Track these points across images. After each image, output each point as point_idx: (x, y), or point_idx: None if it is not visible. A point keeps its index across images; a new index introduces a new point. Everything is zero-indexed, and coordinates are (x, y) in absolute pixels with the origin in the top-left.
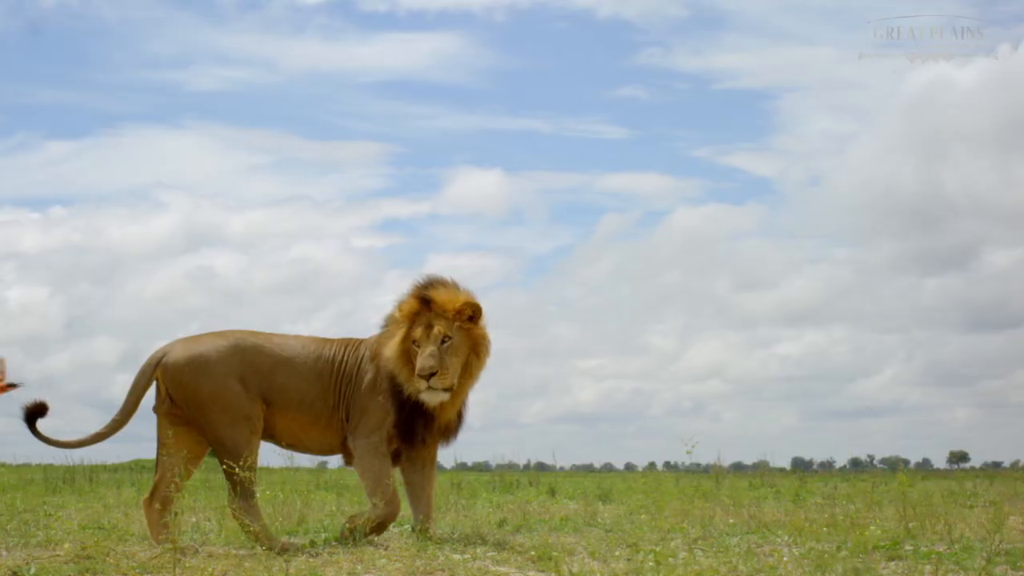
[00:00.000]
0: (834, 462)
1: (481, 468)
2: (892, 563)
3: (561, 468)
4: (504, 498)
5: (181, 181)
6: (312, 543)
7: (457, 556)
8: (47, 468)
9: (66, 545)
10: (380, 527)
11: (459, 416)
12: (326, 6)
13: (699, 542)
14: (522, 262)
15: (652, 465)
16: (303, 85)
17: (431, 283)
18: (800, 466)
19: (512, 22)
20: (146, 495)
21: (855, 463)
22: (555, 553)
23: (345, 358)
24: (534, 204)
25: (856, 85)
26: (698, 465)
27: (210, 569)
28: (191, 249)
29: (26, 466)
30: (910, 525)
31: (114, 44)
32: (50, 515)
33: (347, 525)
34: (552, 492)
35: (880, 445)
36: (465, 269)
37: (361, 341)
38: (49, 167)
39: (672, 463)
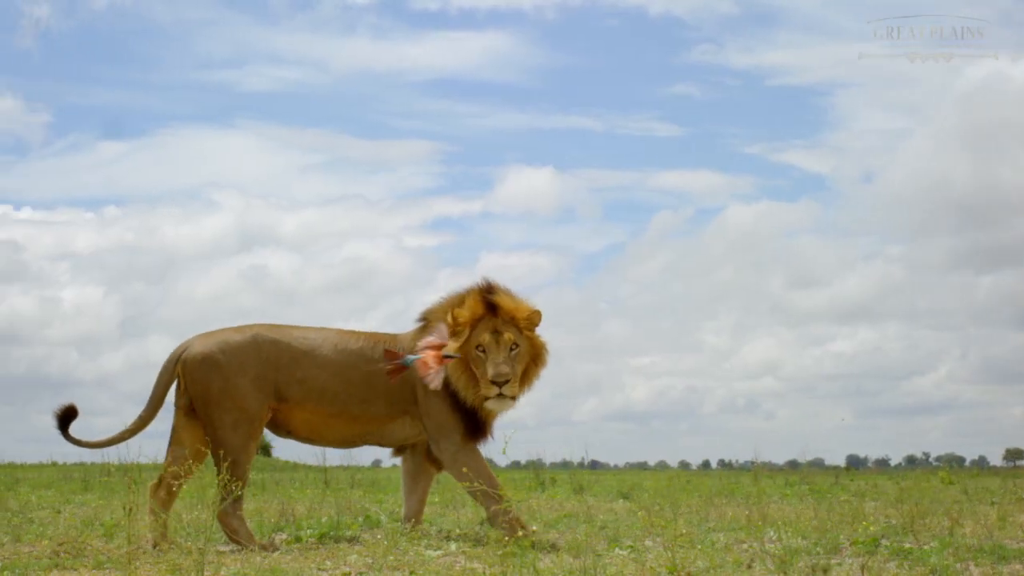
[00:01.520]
0: (889, 460)
1: (535, 466)
2: (859, 559)
3: (615, 466)
4: (528, 495)
5: (234, 181)
6: (297, 539)
7: (431, 552)
8: (98, 467)
9: (45, 541)
10: (511, 524)
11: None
12: (376, 5)
13: (679, 538)
14: (574, 260)
15: (706, 463)
16: (354, 84)
17: (494, 288)
18: (855, 464)
19: (563, 20)
20: (154, 481)
21: (911, 460)
22: (523, 549)
23: (376, 352)
24: (586, 202)
25: (910, 81)
26: (751, 463)
27: (170, 563)
28: (244, 249)
29: (79, 465)
30: (921, 522)
31: (167, 45)
32: (59, 512)
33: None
34: (580, 490)
35: (935, 443)
36: (517, 268)
37: (394, 336)
38: (103, 167)
39: (727, 461)
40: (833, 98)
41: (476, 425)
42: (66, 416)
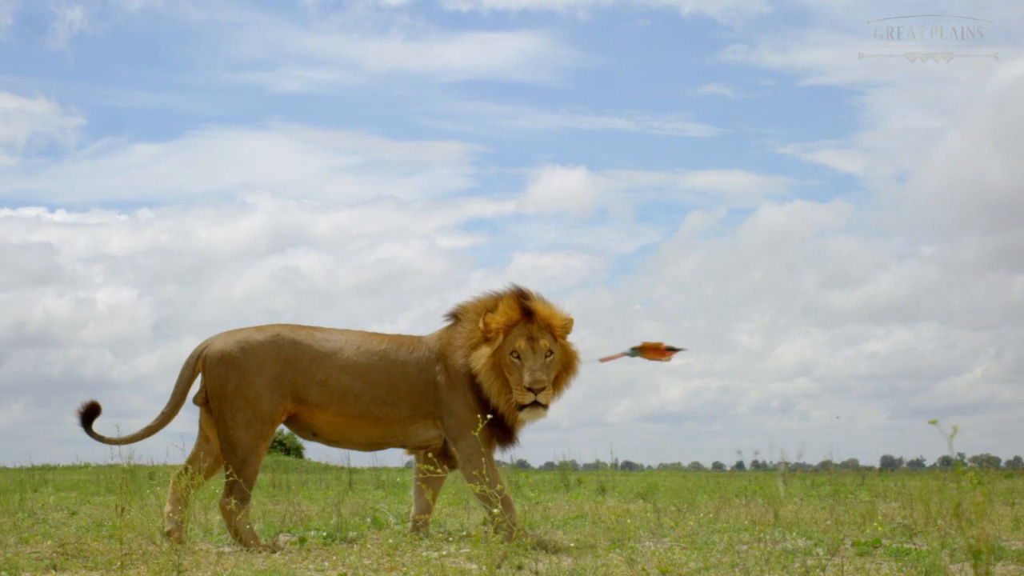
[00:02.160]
0: (924, 461)
1: (567, 467)
2: (861, 559)
3: (648, 467)
4: (547, 496)
5: (267, 182)
6: (302, 540)
7: (429, 553)
8: (130, 469)
9: (48, 542)
10: (512, 529)
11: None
12: (409, 6)
13: (681, 539)
14: (607, 261)
15: (740, 464)
16: (387, 86)
17: (529, 295)
18: (889, 465)
19: (595, 21)
20: (177, 472)
21: (946, 462)
22: (521, 551)
23: (400, 354)
24: (619, 203)
25: (943, 80)
26: (787, 464)
27: (162, 564)
28: (277, 250)
29: (113, 467)
30: (938, 523)
31: (199, 47)
32: (74, 513)
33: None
34: (602, 491)
35: (971, 443)
36: (550, 268)
37: (419, 338)
38: (136, 169)
39: (760, 462)
40: (866, 98)
41: (500, 430)
42: (89, 413)
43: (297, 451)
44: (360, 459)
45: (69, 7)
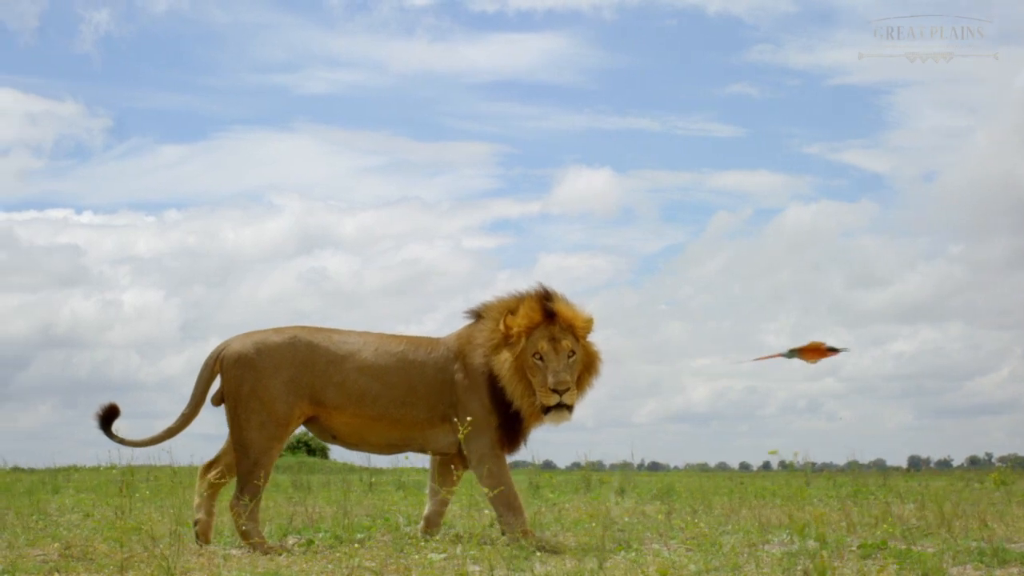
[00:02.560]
0: (951, 461)
1: (595, 468)
2: (863, 561)
3: (675, 467)
4: (566, 497)
5: (293, 184)
6: (309, 542)
7: (434, 555)
8: (156, 469)
9: (55, 544)
10: (520, 532)
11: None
12: (434, 7)
13: (688, 542)
14: (632, 261)
15: (767, 465)
16: (412, 87)
17: (552, 295)
18: (917, 465)
19: (620, 21)
20: (203, 465)
21: (973, 461)
22: (525, 552)
23: (418, 355)
24: (644, 203)
25: (970, 79)
26: (813, 464)
27: (155, 569)
28: (303, 251)
29: (141, 467)
30: (952, 525)
31: (225, 48)
32: (88, 515)
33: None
34: (622, 491)
35: (999, 443)
36: (575, 269)
37: (437, 339)
38: (163, 171)
39: (787, 462)
40: (893, 97)
41: (512, 432)
42: (108, 416)
43: (322, 452)
44: (382, 460)
45: (96, 10)
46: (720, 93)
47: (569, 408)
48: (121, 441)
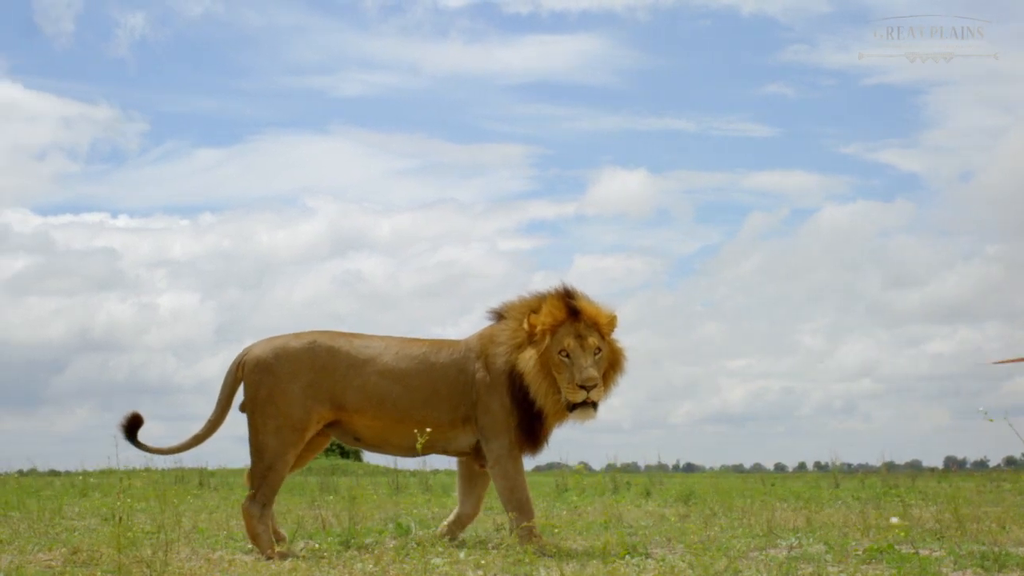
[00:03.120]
0: (987, 461)
1: (630, 469)
2: (865, 566)
3: (711, 468)
4: (587, 500)
5: (328, 186)
6: (319, 546)
7: (437, 560)
8: (195, 472)
9: (63, 549)
10: (529, 536)
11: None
12: (468, 9)
13: (695, 546)
14: (668, 262)
15: (802, 466)
16: (447, 89)
17: (574, 293)
18: (953, 465)
19: (655, 21)
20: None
21: (1009, 462)
22: (529, 557)
23: (440, 357)
24: (679, 204)
25: (1007, 78)
26: (849, 465)
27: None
28: (338, 254)
29: (173, 470)
30: (967, 528)
31: (260, 52)
32: (107, 519)
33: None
34: (647, 494)
35: None
36: (611, 270)
37: (459, 341)
38: (198, 174)
39: (823, 463)
40: (929, 97)
41: (532, 433)
42: (132, 425)
43: (355, 454)
44: (415, 462)
45: (131, 14)
46: (755, 93)
47: (595, 405)
48: (147, 449)
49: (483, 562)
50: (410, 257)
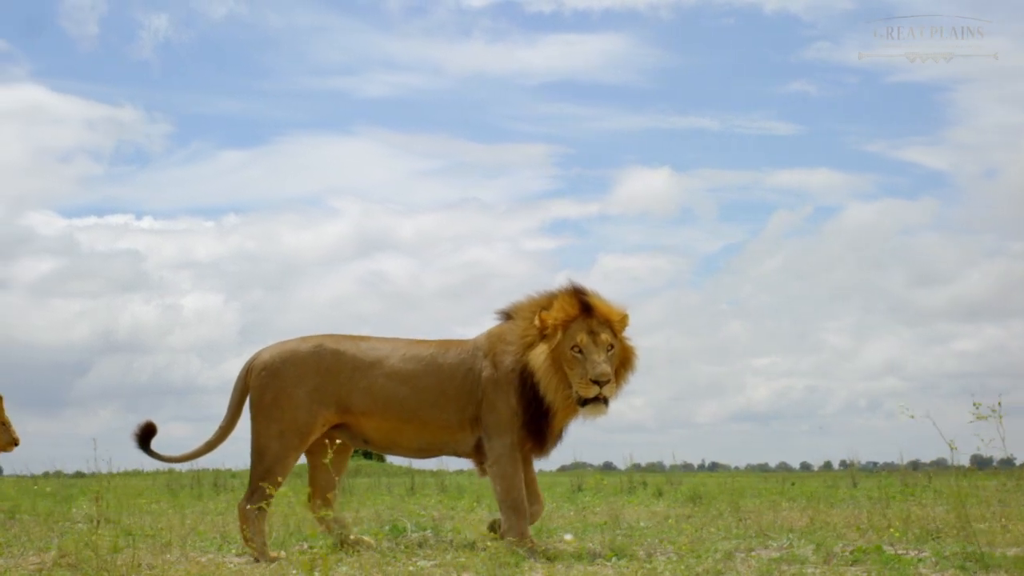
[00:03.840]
0: (1015, 459)
1: (655, 469)
2: (848, 567)
3: (736, 468)
4: (596, 501)
5: (352, 187)
6: (311, 548)
7: (423, 562)
8: (211, 474)
9: (53, 552)
10: (519, 537)
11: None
12: (491, 9)
13: (683, 547)
14: (692, 261)
15: (828, 464)
16: (470, 89)
17: (585, 290)
18: (980, 464)
19: (678, 20)
20: (308, 500)
21: None
22: (515, 559)
23: (447, 357)
24: (703, 203)
25: None
26: (875, 464)
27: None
28: (362, 254)
29: (193, 472)
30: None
31: (283, 53)
32: (110, 520)
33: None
34: (660, 494)
35: None
36: (635, 269)
37: (466, 341)
38: (222, 176)
39: (847, 462)
40: (953, 94)
41: (540, 432)
42: (145, 434)
43: (380, 455)
44: (429, 463)
45: (155, 15)
46: (779, 91)
47: (606, 401)
48: (159, 457)
49: (467, 564)
50: (434, 257)
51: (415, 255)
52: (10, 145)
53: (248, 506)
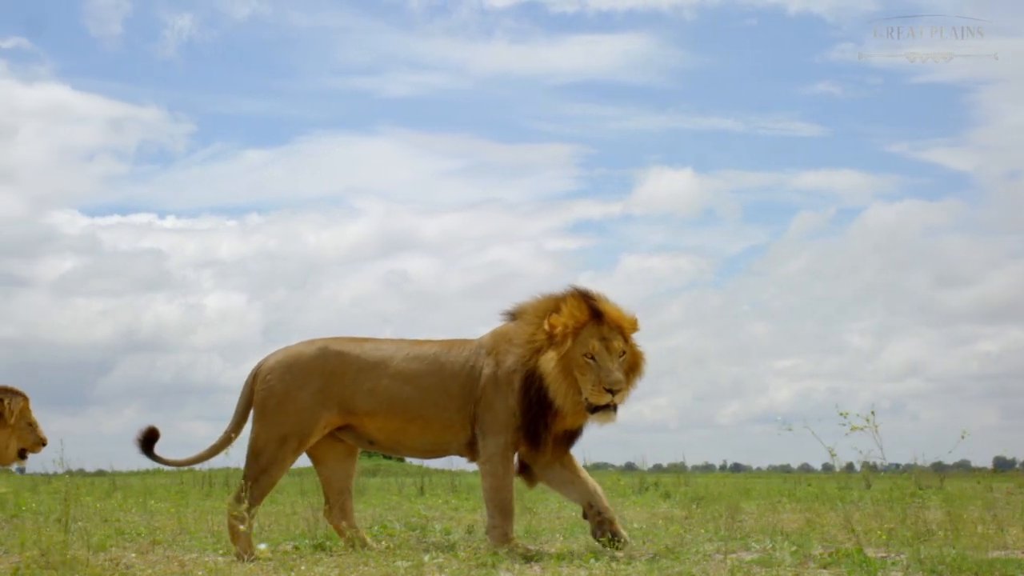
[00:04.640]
0: None
1: (677, 470)
2: (821, 570)
3: (758, 469)
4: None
5: (375, 187)
6: (296, 548)
7: (401, 563)
8: (222, 473)
9: (33, 551)
10: (503, 538)
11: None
12: (514, 9)
13: (664, 549)
14: (715, 262)
15: (850, 466)
16: (493, 89)
17: (592, 295)
18: (1003, 466)
19: (701, 20)
20: (324, 507)
21: None
22: (495, 559)
23: (450, 357)
24: (726, 203)
25: None
26: (897, 466)
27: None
28: (385, 254)
29: (208, 471)
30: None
31: (307, 53)
32: (107, 520)
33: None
34: (667, 495)
35: None
36: (658, 270)
37: (470, 340)
38: (245, 175)
39: (870, 463)
40: (977, 95)
41: (536, 435)
42: (149, 439)
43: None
44: (441, 463)
45: (179, 15)
46: (802, 92)
47: (615, 409)
48: (164, 462)
49: (444, 564)
50: (457, 257)
51: (438, 255)
52: (34, 144)
53: (237, 505)
